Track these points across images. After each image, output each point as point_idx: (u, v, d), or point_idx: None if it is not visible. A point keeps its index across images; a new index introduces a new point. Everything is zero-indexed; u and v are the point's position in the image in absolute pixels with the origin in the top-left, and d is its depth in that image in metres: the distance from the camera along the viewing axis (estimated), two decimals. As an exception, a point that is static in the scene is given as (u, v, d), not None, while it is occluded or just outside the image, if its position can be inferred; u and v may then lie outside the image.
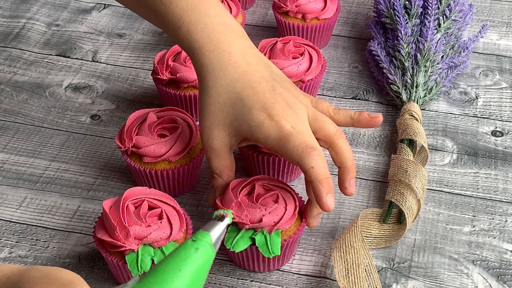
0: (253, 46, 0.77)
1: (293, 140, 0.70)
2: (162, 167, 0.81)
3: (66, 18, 1.14)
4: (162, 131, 0.81)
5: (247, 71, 0.74)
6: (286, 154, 0.71)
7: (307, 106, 0.75)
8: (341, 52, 1.07)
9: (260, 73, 0.74)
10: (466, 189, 0.86)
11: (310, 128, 0.74)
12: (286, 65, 0.91)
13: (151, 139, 0.80)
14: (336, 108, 0.78)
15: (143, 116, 0.83)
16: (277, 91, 0.73)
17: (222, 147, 0.74)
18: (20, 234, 0.81)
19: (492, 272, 0.77)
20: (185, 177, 0.82)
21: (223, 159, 0.75)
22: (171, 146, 0.80)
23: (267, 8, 1.16)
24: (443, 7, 1.00)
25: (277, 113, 0.72)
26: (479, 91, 1.00)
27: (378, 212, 0.82)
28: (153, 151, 0.80)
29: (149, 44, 1.09)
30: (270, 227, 0.72)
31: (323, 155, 0.71)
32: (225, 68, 0.74)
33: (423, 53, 0.96)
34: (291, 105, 0.73)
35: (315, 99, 0.78)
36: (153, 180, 0.82)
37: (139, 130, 0.81)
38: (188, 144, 0.81)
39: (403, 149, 0.87)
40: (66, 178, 0.87)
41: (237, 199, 0.73)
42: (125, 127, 0.82)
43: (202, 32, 0.75)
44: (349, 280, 0.72)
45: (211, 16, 0.76)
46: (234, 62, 0.74)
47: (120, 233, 0.70)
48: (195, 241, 0.54)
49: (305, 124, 0.73)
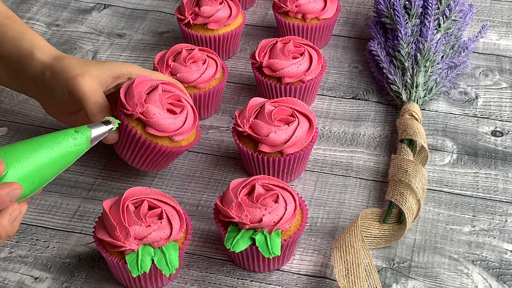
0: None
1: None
2: (163, 143, 0.79)
3: (66, 18, 1.14)
4: (170, 107, 0.80)
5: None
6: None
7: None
8: (341, 52, 1.07)
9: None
10: (466, 189, 0.86)
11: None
12: (286, 65, 0.91)
13: (163, 112, 0.78)
14: None
15: (150, 84, 0.80)
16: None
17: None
18: (20, 234, 0.81)
19: (492, 272, 0.77)
20: (173, 155, 0.82)
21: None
22: (180, 126, 0.79)
23: (267, 8, 1.16)
24: (443, 7, 1.00)
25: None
26: (479, 91, 1.00)
27: (378, 212, 0.82)
28: (163, 125, 0.78)
29: (149, 44, 1.09)
30: (270, 227, 0.72)
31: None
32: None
33: (423, 53, 0.96)
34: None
35: None
36: (146, 150, 0.80)
37: (148, 98, 0.79)
38: (191, 128, 0.81)
39: (403, 149, 0.87)
40: (66, 178, 0.87)
41: (237, 199, 0.73)
42: (134, 89, 0.79)
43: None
44: (349, 280, 0.73)
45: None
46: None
47: (120, 233, 0.70)
48: (77, 132, 0.64)
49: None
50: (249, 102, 0.85)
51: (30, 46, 0.83)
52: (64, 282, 0.76)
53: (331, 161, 0.90)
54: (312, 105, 0.98)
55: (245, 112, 0.84)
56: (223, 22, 1.01)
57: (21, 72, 0.83)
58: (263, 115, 0.83)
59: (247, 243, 0.72)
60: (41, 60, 0.82)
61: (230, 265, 0.78)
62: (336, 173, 0.88)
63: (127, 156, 0.82)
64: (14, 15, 0.87)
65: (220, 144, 0.92)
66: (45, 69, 0.81)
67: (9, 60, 0.84)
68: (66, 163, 0.64)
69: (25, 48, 0.83)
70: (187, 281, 0.76)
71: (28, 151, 0.61)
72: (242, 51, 1.07)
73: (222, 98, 0.98)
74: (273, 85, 0.92)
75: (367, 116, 0.96)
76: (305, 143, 0.83)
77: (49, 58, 0.82)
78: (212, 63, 0.93)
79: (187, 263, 0.78)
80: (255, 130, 0.83)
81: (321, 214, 0.83)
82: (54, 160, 0.62)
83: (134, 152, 0.81)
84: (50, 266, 0.77)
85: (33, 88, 0.84)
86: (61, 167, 0.64)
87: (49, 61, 0.82)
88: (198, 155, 0.91)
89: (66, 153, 0.63)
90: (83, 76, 0.79)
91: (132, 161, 0.82)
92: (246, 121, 0.83)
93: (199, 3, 1.01)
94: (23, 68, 0.83)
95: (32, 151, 0.61)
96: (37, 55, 0.82)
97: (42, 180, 0.63)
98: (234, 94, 1.00)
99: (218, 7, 1.00)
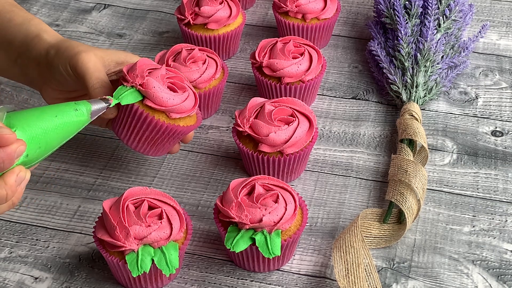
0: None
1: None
2: (160, 117, 0.78)
3: (66, 18, 1.14)
4: (171, 85, 0.80)
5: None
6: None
7: None
8: (341, 52, 1.07)
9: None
10: (466, 189, 0.86)
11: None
12: (286, 65, 0.91)
13: (163, 87, 0.78)
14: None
15: (155, 66, 0.80)
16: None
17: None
18: (20, 234, 0.81)
19: (492, 272, 0.77)
20: (170, 136, 0.81)
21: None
22: (178, 103, 0.79)
23: (267, 8, 1.16)
24: (443, 7, 1.00)
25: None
26: (479, 91, 1.00)
27: (378, 212, 0.82)
28: (161, 98, 0.78)
29: (149, 44, 1.09)
30: (270, 227, 0.72)
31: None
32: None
33: (423, 53, 0.96)
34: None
35: None
36: (142, 124, 0.79)
37: (151, 74, 0.79)
38: (189, 109, 0.80)
39: (403, 149, 0.87)
40: (66, 178, 0.87)
41: (237, 199, 0.73)
42: (137, 65, 0.79)
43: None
44: (349, 280, 0.73)
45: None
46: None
47: (120, 233, 0.70)
48: (77, 104, 0.67)
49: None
50: (249, 102, 0.85)
51: (37, 30, 0.84)
52: (64, 282, 0.76)
53: (331, 161, 0.90)
54: (312, 105, 0.98)
55: (245, 112, 0.84)
56: (223, 22, 1.01)
57: (24, 55, 0.84)
58: (263, 115, 0.83)
59: (247, 243, 0.72)
60: (48, 41, 0.83)
61: (230, 265, 0.78)
62: (336, 173, 0.88)
63: (123, 133, 0.80)
64: (18, 5, 0.88)
65: (220, 144, 0.92)
66: (50, 48, 0.82)
67: (13, 44, 0.84)
68: (69, 132, 0.66)
69: (32, 32, 0.84)
70: (187, 281, 0.76)
71: (34, 115, 0.63)
72: (242, 51, 1.07)
73: (222, 98, 0.98)
74: (273, 85, 0.92)
75: (367, 116, 0.96)
76: (305, 143, 0.83)
77: (56, 40, 0.83)
78: (212, 63, 0.93)
79: (187, 263, 0.78)
80: (255, 130, 0.83)
81: (321, 214, 0.83)
82: (59, 127, 0.64)
83: (130, 128, 0.80)
84: (50, 266, 0.77)
85: (34, 71, 0.84)
86: (64, 136, 0.66)
87: (55, 42, 0.82)
88: (198, 155, 0.91)
89: (68, 122, 0.66)
90: (87, 52, 0.79)
91: (127, 139, 0.81)
92: (246, 121, 0.83)
93: (199, 3, 1.01)
94: (28, 49, 0.83)
95: (37, 115, 0.63)
96: (44, 36, 0.83)
97: (47, 145, 0.64)
98: (234, 94, 1.00)
99: (218, 7, 1.00)
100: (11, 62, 0.85)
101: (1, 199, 0.61)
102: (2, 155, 0.58)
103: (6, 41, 0.85)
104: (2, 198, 0.61)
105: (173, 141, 0.82)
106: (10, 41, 0.84)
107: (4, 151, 0.59)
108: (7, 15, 0.86)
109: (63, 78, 0.81)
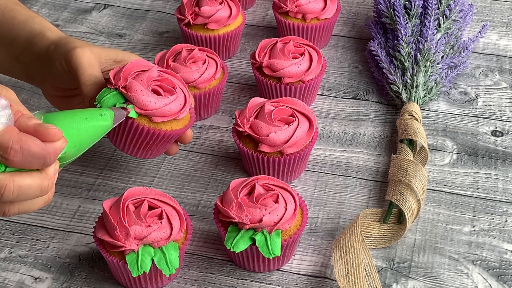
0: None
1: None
2: (141, 121, 0.77)
3: (66, 18, 1.14)
4: (156, 88, 0.78)
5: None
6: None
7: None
8: (341, 52, 1.07)
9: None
10: (466, 189, 0.86)
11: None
12: (286, 65, 0.91)
13: (145, 90, 0.77)
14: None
15: (145, 67, 0.79)
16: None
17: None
18: (20, 234, 0.81)
19: (492, 272, 0.77)
20: (155, 140, 0.79)
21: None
22: (159, 107, 0.77)
23: (267, 8, 1.16)
24: (443, 7, 1.00)
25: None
26: (479, 91, 1.00)
27: (378, 212, 0.82)
28: (141, 101, 0.76)
29: (149, 44, 1.09)
30: (270, 227, 0.72)
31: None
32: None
33: (423, 53, 0.96)
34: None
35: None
36: (124, 127, 0.78)
37: (136, 77, 0.78)
38: (174, 113, 0.78)
39: (403, 149, 0.87)
40: (66, 178, 0.87)
41: (237, 199, 0.73)
42: (125, 67, 0.78)
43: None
44: (349, 280, 0.73)
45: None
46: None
47: (120, 233, 0.70)
48: (102, 110, 0.69)
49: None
50: (249, 102, 0.85)
51: (41, 27, 0.84)
52: (64, 282, 0.76)
53: (331, 161, 0.90)
54: (312, 105, 0.98)
55: (245, 112, 0.84)
56: (223, 22, 1.01)
57: (27, 52, 0.84)
58: (263, 115, 0.83)
59: (247, 243, 0.72)
60: (50, 38, 0.83)
61: (230, 265, 0.78)
62: (336, 173, 0.88)
63: (112, 135, 0.80)
64: (21, 3, 0.88)
65: (220, 144, 0.92)
66: (51, 44, 0.82)
67: (17, 41, 0.84)
68: (96, 135, 0.67)
69: (35, 29, 0.84)
70: (187, 281, 0.76)
71: (68, 116, 0.64)
72: (242, 51, 1.07)
73: (222, 98, 0.98)
74: (273, 85, 0.92)
75: (367, 116, 0.96)
76: (305, 143, 0.83)
77: (58, 37, 0.83)
78: (212, 63, 0.93)
79: (187, 263, 0.78)
80: (255, 130, 0.83)
81: (321, 214, 0.83)
82: (89, 129, 0.65)
83: (115, 131, 0.79)
84: (50, 266, 0.77)
85: (35, 67, 0.84)
86: (93, 139, 0.67)
87: (56, 38, 0.82)
88: (198, 155, 0.91)
89: (96, 126, 0.67)
90: (83, 48, 0.79)
91: (115, 141, 0.80)
92: (246, 121, 0.83)
93: (199, 3, 1.01)
94: (31, 46, 0.83)
95: (70, 117, 0.64)
96: (47, 34, 0.83)
97: (81, 145, 0.65)
98: (234, 94, 1.00)
99: (218, 7, 1.00)
100: (13, 59, 0.85)
101: (44, 190, 0.61)
102: (50, 150, 0.59)
103: (10, 38, 0.85)
104: (44, 190, 0.61)
105: (162, 145, 0.81)
106: (13, 38, 0.84)
107: (52, 146, 0.59)
108: (11, 13, 0.86)
109: (59, 73, 0.80)
